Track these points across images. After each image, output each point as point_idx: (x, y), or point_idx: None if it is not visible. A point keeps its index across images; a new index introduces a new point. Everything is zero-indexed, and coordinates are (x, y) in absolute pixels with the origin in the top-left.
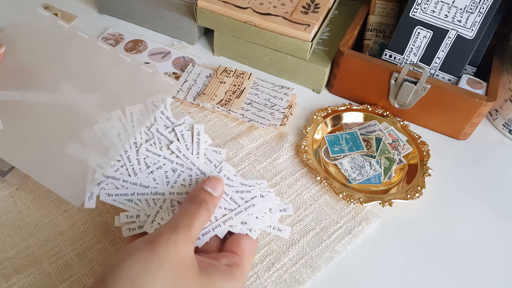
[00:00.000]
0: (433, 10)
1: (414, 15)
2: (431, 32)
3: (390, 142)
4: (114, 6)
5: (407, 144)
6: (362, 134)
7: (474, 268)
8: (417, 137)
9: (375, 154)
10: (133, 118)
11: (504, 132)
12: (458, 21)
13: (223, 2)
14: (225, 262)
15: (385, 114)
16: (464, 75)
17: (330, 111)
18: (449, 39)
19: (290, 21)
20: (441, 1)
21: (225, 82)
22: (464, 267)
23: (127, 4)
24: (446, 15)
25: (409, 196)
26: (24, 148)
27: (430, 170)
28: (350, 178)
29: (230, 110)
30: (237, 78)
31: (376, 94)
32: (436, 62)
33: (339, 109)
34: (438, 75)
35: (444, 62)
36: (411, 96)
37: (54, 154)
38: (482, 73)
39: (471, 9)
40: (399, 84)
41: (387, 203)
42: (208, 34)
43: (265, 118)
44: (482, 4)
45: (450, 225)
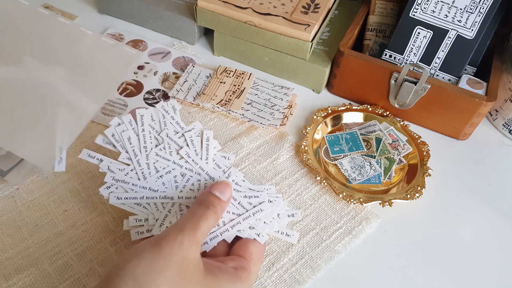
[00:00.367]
0: (433, 10)
1: (414, 15)
2: (431, 32)
3: (390, 142)
4: (114, 6)
5: (407, 144)
6: (362, 134)
7: (474, 268)
8: (417, 137)
9: (375, 154)
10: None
11: (504, 132)
12: (458, 21)
13: (223, 2)
14: (232, 265)
15: (385, 114)
16: (464, 75)
17: (330, 111)
18: (449, 39)
19: (290, 21)
20: (441, 1)
21: (225, 82)
22: (464, 267)
23: (127, 4)
24: (446, 15)
25: (409, 196)
26: None
27: (430, 170)
28: (350, 178)
29: (230, 110)
30: (237, 78)
31: (376, 94)
32: (436, 62)
33: (339, 109)
34: (438, 75)
35: (444, 62)
36: (411, 96)
37: (22, 123)
38: (482, 73)
39: (471, 9)
40: (399, 84)
41: (387, 203)
42: (208, 34)
43: (265, 118)
44: (482, 4)
45: (450, 225)
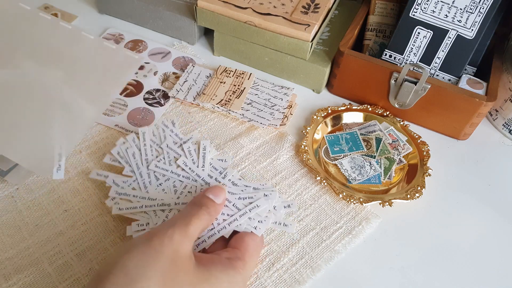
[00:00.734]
0: (433, 10)
1: (414, 15)
2: (431, 32)
3: (390, 142)
4: (114, 6)
5: (407, 144)
6: (362, 134)
7: (474, 268)
8: (417, 137)
9: (375, 154)
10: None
11: (504, 132)
12: (458, 21)
13: (223, 2)
14: (225, 256)
15: (385, 114)
16: (464, 75)
17: (330, 111)
18: (449, 39)
19: (290, 21)
20: (441, 1)
21: (225, 82)
22: (464, 267)
23: (127, 4)
24: (446, 15)
25: (409, 196)
26: None
27: (430, 170)
28: (350, 178)
29: (230, 110)
30: (237, 78)
31: (376, 94)
32: (436, 62)
33: (339, 109)
34: (438, 75)
35: (444, 62)
36: (411, 96)
37: (21, 129)
38: (482, 73)
39: (471, 9)
40: (399, 84)
41: (387, 203)
42: (208, 34)
43: (265, 118)
44: (482, 4)
45: (450, 225)
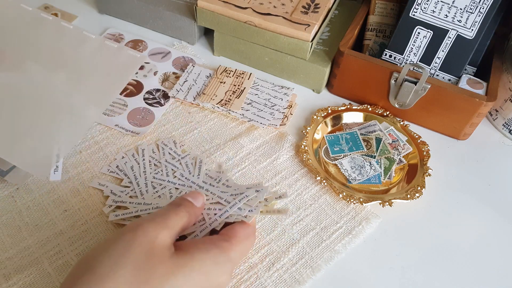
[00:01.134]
0: (433, 10)
1: (414, 15)
2: (431, 32)
3: (390, 142)
4: (114, 6)
5: (407, 144)
6: (362, 134)
7: (474, 268)
8: (417, 137)
9: (375, 154)
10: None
11: (504, 132)
12: (458, 21)
13: (223, 2)
14: (211, 238)
15: (385, 114)
16: (464, 75)
17: (330, 111)
18: (449, 39)
19: (290, 21)
20: (441, 1)
21: (225, 82)
22: (464, 267)
23: (127, 4)
24: (446, 15)
25: (409, 196)
26: None
27: (430, 170)
28: (350, 178)
29: (230, 110)
30: (237, 78)
31: (376, 94)
32: (436, 62)
33: (339, 109)
34: (438, 75)
35: (444, 62)
36: (411, 96)
37: (20, 131)
38: (482, 73)
39: (471, 9)
40: (399, 84)
41: (387, 203)
42: (208, 34)
43: (265, 118)
44: (482, 4)
45: (450, 225)
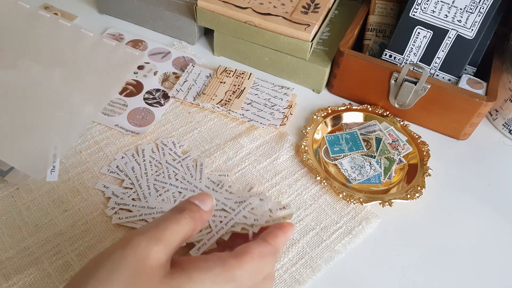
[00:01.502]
0: (433, 10)
1: (414, 15)
2: (431, 32)
3: (390, 142)
4: (114, 6)
5: (407, 144)
6: (362, 134)
7: (474, 268)
8: (417, 137)
9: (375, 154)
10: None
11: (504, 132)
12: (458, 21)
13: (223, 2)
14: (218, 254)
15: (385, 114)
16: (464, 75)
17: (330, 111)
18: (449, 39)
19: (290, 21)
20: (441, 1)
21: (225, 82)
22: (464, 267)
23: (127, 4)
24: (446, 15)
25: (409, 196)
26: None
27: (430, 170)
28: (350, 178)
29: (230, 110)
30: (237, 78)
31: (376, 94)
32: (436, 62)
33: (339, 109)
34: (438, 75)
35: (444, 62)
36: (411, 96)
37: (16, 131)
38: (482, 73)
39: (471, 9)
40: (399, 84)
41: (387, 203)
42: (208, 34)
43: (265, 118)
44: (482, 4)
45: (450, 225)
